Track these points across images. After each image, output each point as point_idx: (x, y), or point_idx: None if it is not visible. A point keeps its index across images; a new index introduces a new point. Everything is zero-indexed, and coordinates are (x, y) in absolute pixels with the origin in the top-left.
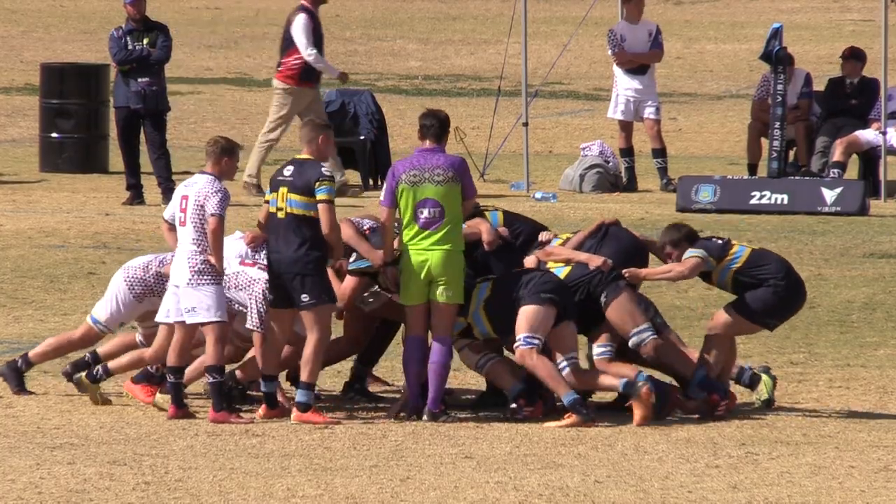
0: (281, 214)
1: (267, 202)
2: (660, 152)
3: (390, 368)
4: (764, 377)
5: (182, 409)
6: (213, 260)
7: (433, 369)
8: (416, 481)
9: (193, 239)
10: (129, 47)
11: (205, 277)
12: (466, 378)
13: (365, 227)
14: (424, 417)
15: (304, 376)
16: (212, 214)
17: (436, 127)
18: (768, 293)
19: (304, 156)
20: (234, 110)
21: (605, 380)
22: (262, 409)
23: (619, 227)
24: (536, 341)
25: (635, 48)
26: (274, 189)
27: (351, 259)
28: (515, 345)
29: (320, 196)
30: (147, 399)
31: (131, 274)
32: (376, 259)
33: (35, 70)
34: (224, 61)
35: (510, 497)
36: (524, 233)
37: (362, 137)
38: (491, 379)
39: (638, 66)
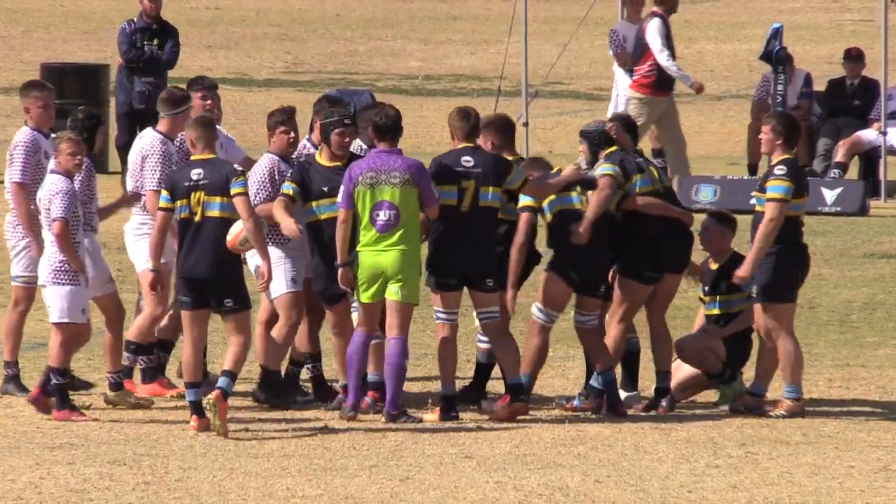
0: (196, 218)
1: (169, 209)
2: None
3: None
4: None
5: (66, 411)
6: (68, 260)
7: (390, 370)
8: (415, 481)
9: (52, 241)
10: (138, 46)
11: (62, 277)
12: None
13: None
14: (382, 419)
15: (229, 365)
16: (54, 219)
17: (390, 128)
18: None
19: (207, 156)
20: (234, 111)
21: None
22: (193, 421)
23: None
24: (444, 315)
25: None
26: (183, 195)
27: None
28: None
29: (236, 190)
30: (161, 392)
31: None
32: (292, 231)
33: (35, 70)
34: (224, 61)
35: (510, 497)
36: None
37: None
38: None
39: None
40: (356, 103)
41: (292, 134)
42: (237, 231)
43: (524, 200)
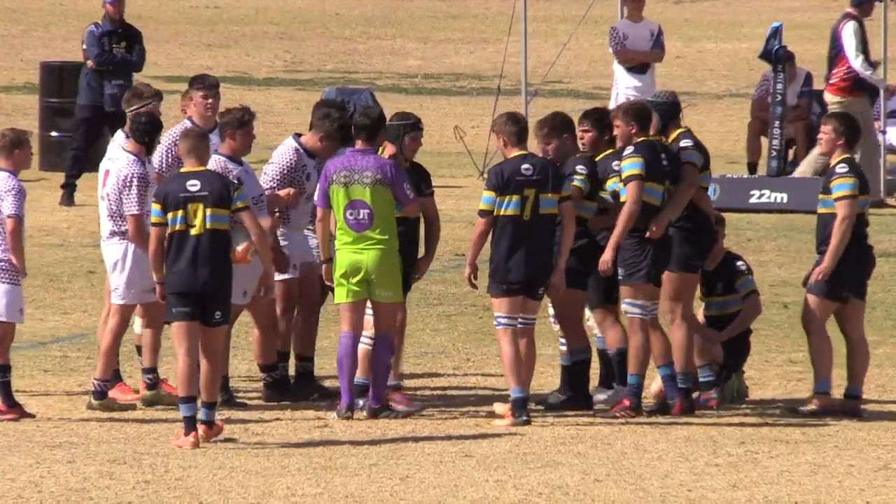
0: (195, 231)
1: (162, 223)
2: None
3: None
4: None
5: (15, 409)
6: (14, 259)
7: (375, 366)
8: (415, 480)
9: None
10: (108, 49)
11: (3, 275)
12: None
13: None
14: (364, 413)
15: (207, 397)
16: (9, 216)
17: (368, 127)
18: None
19: (197, 167)
20: None
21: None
22: (180, 437)
23: None
24: (505, 320)
25: (637, 47)
26: (177, 206)
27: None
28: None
29: (241, 204)
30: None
31: None
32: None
33: (35, 69)
34: (224, 60)
35: (510, 495)
36: None
37: None
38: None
39: (638, 65)
40: (356, 102)
41: (253, 136)
42: (246, 244)
43: (630, 170)
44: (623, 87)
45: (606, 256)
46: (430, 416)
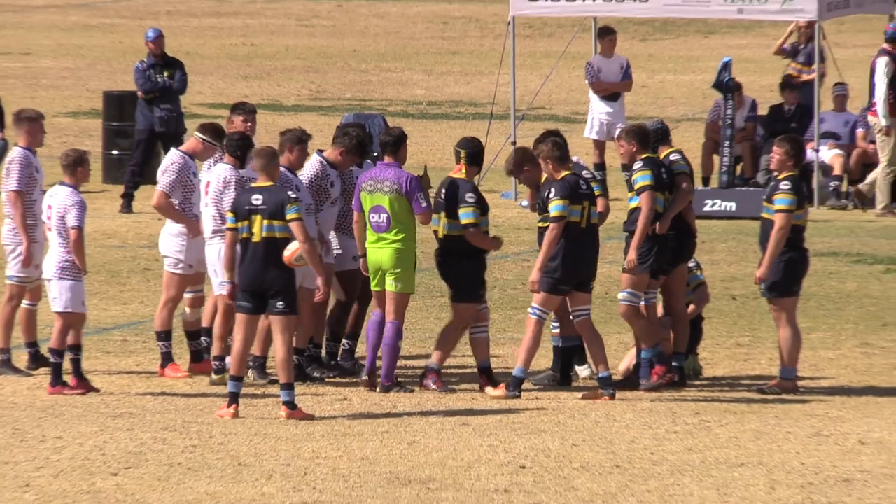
0: (256, 239)
1: (234, 228)
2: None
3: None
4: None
5: (57, 388)
6: (77, 261)
7: (385, 349)
8: (421, 444)
9: (60, 242)
10: (153, 80)
11: (67, 273)
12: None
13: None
14: (377, 389)
15: (284, 378)
16: (72, 227)
17: (391, 143)
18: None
19: (264, 183)
20: (266, 131)
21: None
22: (223, 409)
23: None
24: (540, 312)
25: (609, 78)
26: (244, 217)
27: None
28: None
29: (291, 216)
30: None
31: None
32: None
33: (99, 97)
34: (258, 89)
35: (500, 457)
36: None
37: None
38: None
39: (610, 94)
40: (370, 126)
41: (308, 154)
42: (294, 249)
43: (642, 181)
44: (597, 113)
45: (632, 256)
46: (434, 391)
